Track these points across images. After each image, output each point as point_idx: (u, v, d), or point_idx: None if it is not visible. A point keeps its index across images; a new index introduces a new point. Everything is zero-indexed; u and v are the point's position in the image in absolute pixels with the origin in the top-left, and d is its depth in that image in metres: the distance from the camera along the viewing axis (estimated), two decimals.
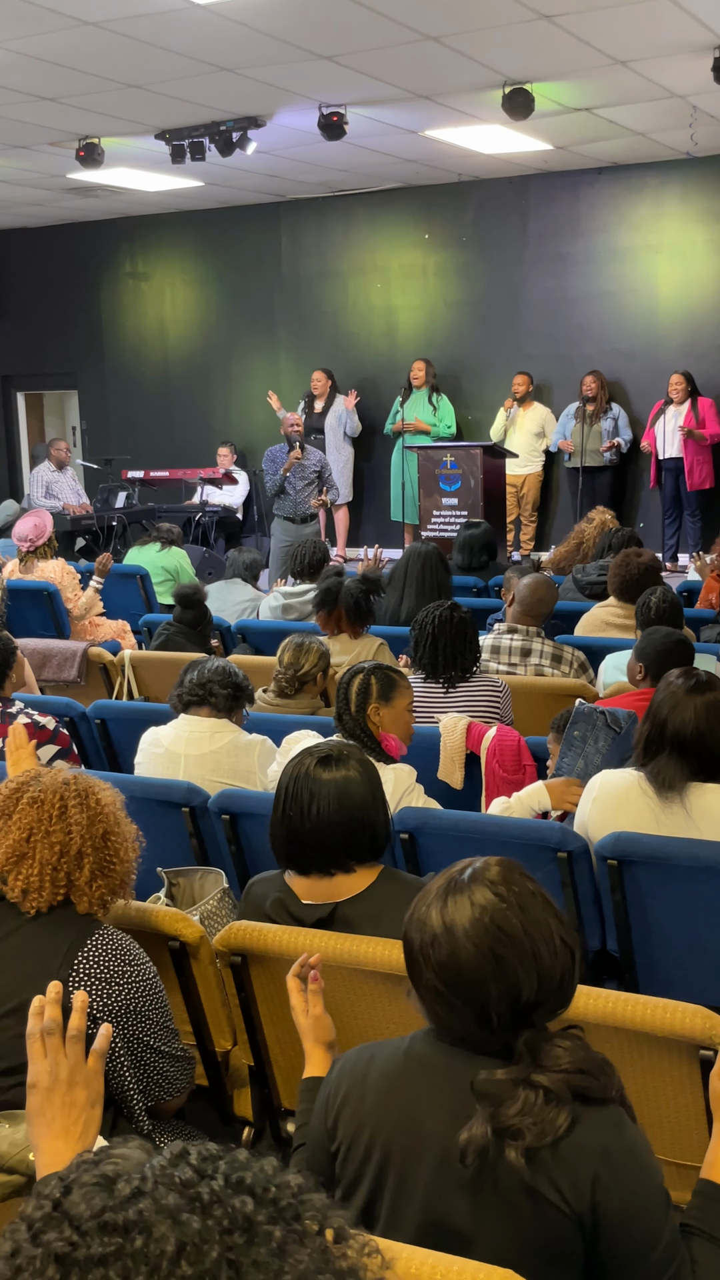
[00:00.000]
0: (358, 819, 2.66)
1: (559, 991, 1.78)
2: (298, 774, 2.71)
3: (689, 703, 3.13)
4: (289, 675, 4.65)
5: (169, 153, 9.85)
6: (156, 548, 8.58)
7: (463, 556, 7.65)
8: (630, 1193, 1.68)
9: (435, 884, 1.85)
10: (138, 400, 14.48)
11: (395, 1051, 1.85)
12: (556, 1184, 1.66)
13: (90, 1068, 1.86)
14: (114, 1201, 0.98)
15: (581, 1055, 1.72)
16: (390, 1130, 1.79)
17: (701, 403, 11.13)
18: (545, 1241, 1.68)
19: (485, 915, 1.76)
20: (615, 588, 5.87)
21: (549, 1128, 1.66)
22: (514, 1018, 1.74)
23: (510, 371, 12.00)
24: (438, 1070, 1.79)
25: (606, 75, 8.45)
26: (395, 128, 9.86)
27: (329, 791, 2.66)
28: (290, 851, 2.70)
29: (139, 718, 4.59)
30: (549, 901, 1.83)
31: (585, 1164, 1.67)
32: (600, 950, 3.36)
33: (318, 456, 10.28)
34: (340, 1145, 1.85)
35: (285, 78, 8.39)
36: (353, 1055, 1.93)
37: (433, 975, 1.77)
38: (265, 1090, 2.78)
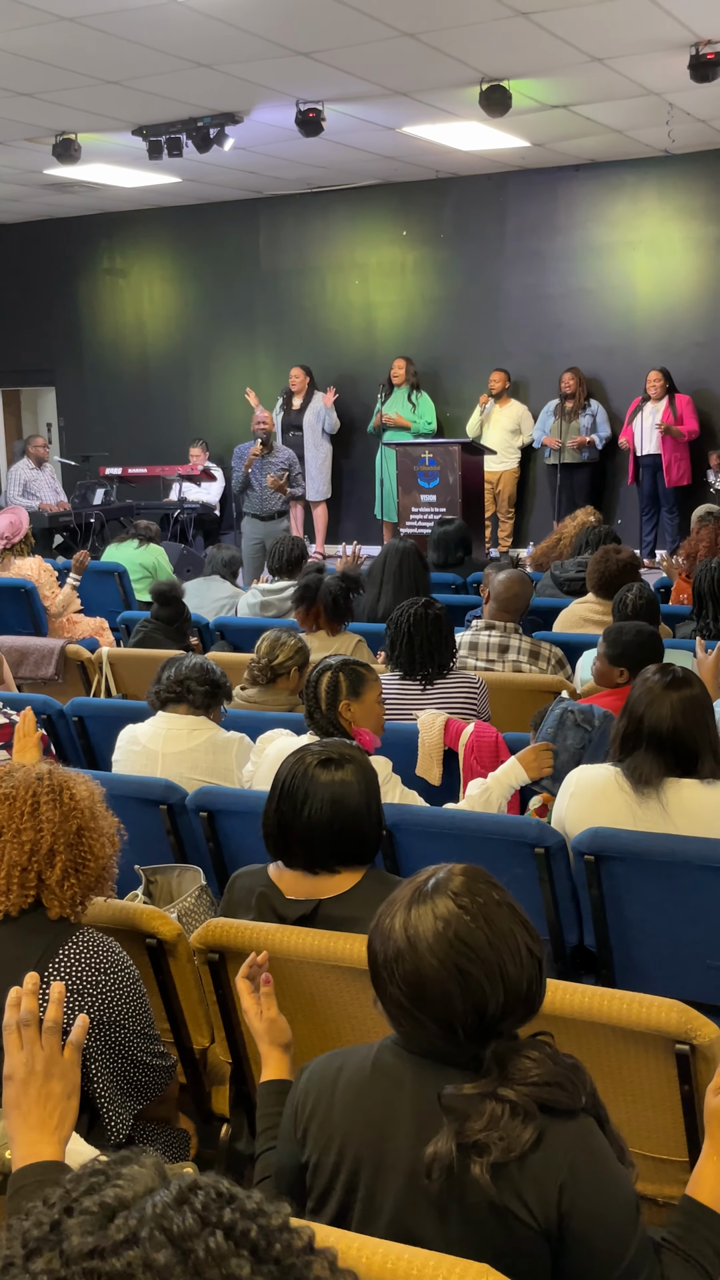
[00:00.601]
0: (349, 825, 2.64)
1: (526, 1002, 1.76)
2: (296, 771, 2.68)
3: (666, 699, 3.14)
4: (262, 665, 4.65)
5: (146, 149, 9.83)
6: (134, 545, 8.56)
7: (438, 554, 7.65)
8: (597, 1206, 1.66)
9: (400, 893, 1.82)
10: (116, 397, 14.44)
11: (363, 1061, 1.83)
12: (523, 1199, 1.65)
13: (66, 1059, 1.86)
14: (107, 1243, 0.96)
15: (550, 1066, 1.70)
16: (359, 1143, 1.78)
17: (679, 399, 11.17)
18: (513, 1256, 1.66)
19: (449, 929, 1.73)
20: (594, 584, 5.89)
21: (515, 1143, 1.64)
22: (480, 1030, 1.72)
23: (489, 368, 12.02)
24: (405, 1083, 1.77)
25: (584, 72, 8.46)
26: (373, 124, 9.86)
27: (324, 794, 2.63)
28: (279, 844, 2.69)
29: (117, 715, 4.58)
30: (515, 910, 1.79)
31: (551, 1178, 1.65)
32: (578, 945, 3.37)
33: (286, 454, 10.30)
34: (310, 1157, 1.84)
35: (262, 74, 8.38)
36: (320, 1064, 1.90)
37: (397, 990, 1.75)
38: (243, 1087, 2.78)
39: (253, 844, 2.90)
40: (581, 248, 11.93)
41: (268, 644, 4.67)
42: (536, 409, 11.97)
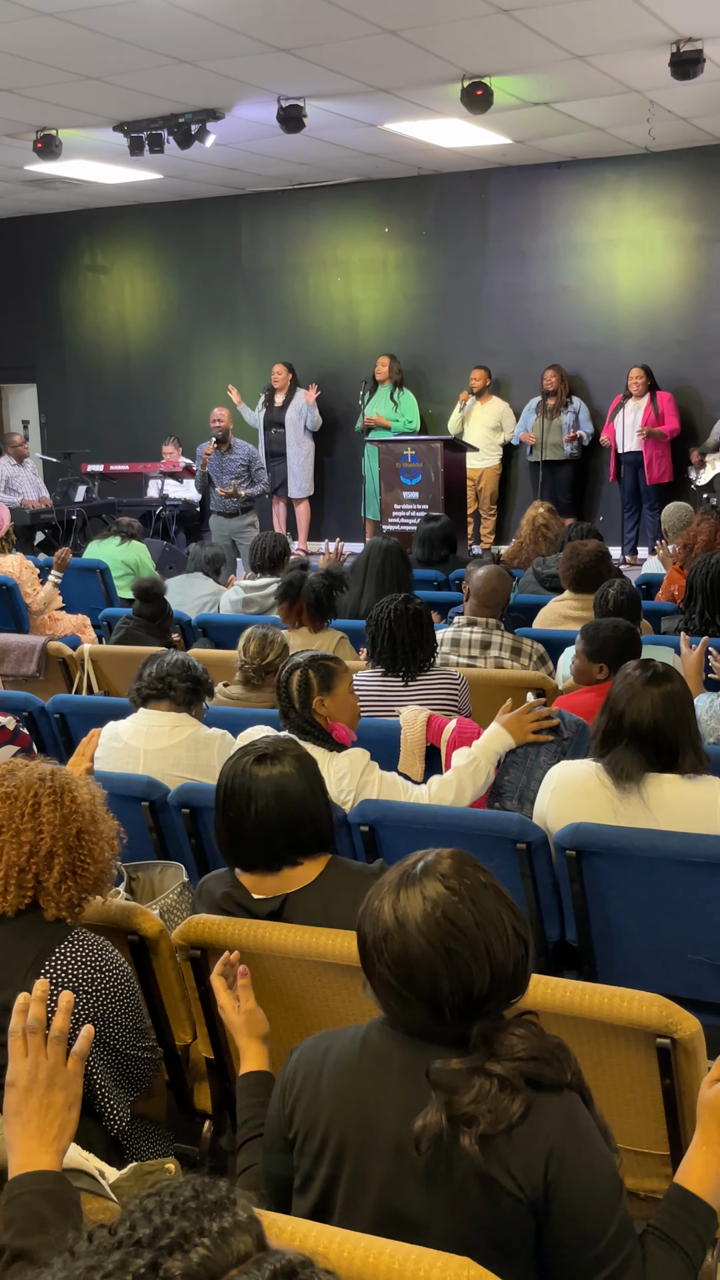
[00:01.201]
0: (298, 815, 2.65)
1: (512, 982, 1.79)
2: (235, 773, 2.70)
3: (646, 694, 3.15)
4: (255, 665, 4.65)
5: (127, 145, 9.81)
6: (116, 541, 8.55)
7: (423, 551, 7.66)
8: (582, 1178, 1.70)
9: (388, 877, 1.85)
10: (97, 394, 14.41)
11: (351, 1041, 1.86)
12: (510, 1170, 1.68)
13: (70, 1070, 1.84)
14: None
15: (536, 1043, 1.74)
16: (345, 1121, 1.80)
17: (660, 397, 11.19)
18: (499, 1229, 1.69)
19: (437, 909, 1.77)
20: (568, 580, 5.91)
21: (503, 1115, 1.67)
22: (467, 1009, 1.75)
23: (471, 366, 12.03)
24: (392, 1061, 1.80)
25: (565, 70, 8.47)
26: (354, 121, 9.85)
27: (267, 790, 2.65)
28: (234, 850, 2.70)
29: (98, 712, 4.57)
30: (501, 893, 1.83)
31: (539, 1150, 1.68)
32: (559, 941, 3.37)
33: (245, 451, 10.33)
34: (297, 1134, 1.86)
35: (244, 70, 8.37)
36: (309, 1044, 1.93)
37: (386, 969, 1.78)
38: (225, 1083, 2.78)
39: None
40: (563, 245, 11.95)
41: (256, 643, 4.66)
42: (518, 406, 11.99)
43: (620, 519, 11.56)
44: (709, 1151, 1.87)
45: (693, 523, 7.03)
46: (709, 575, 5.40)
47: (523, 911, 3.25)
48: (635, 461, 11.29)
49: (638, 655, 4.05)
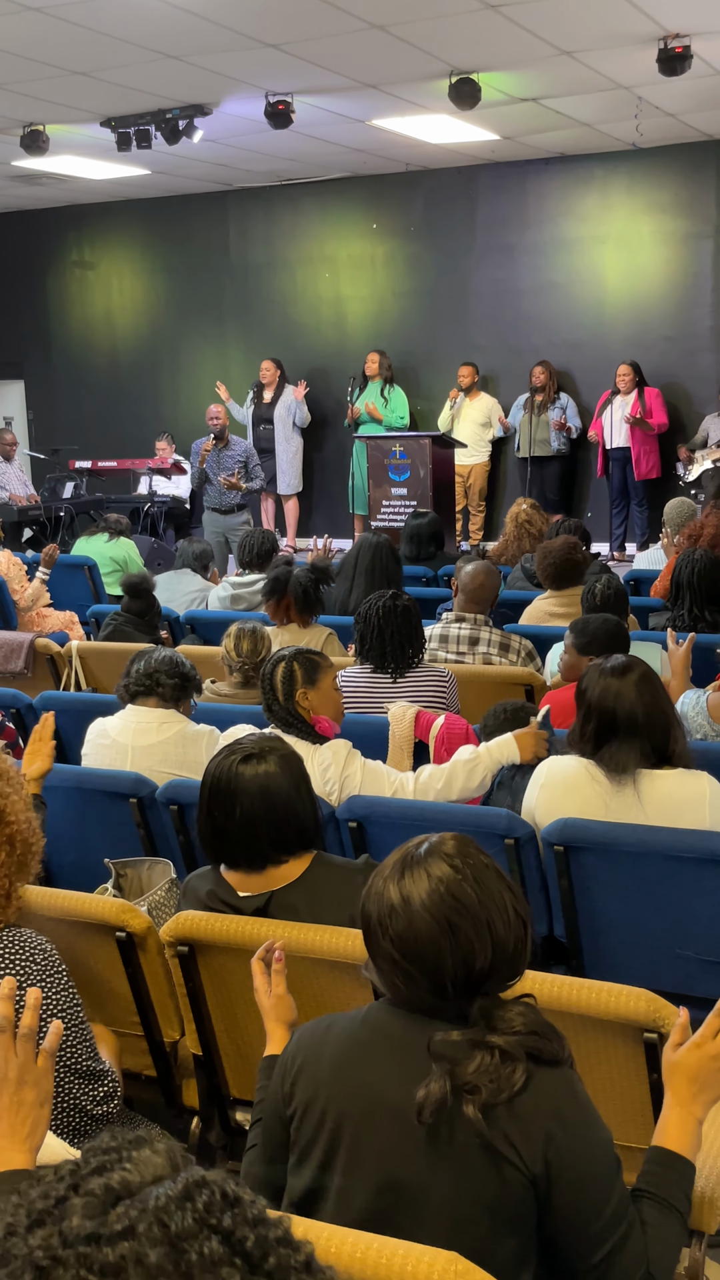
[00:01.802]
0: (282, 815, 2.65)
1: (512, 961, 1.84)
2: (220, 773, 2.69)
3: (626, 686, 3.17)
4: (254, 663, 4.65)
5: (115, 140, 9.78)
6: (105, 538, 8.54)
7: (410, 547, 7.66)
8: (581, 1151, 1.74)
9: (391, 859, 1.89)
10: (85, 390, 14.38)
11: (353, 1020, 1.91)
12: (511, 1140, 1.71)
13: (40, 1067, 1.84)
14: (104, 1231, 0.96)
15: (534, 1018, 1.79)
16: (346, 1095, 1.83)
17: (648, 393, 11.21)
18: (499, 1200, 1.72)
19: (441, 886, 1.81)
20: (545, 579, 5.93)
21: (505, 1084, 1.71)
22: (469, 985, 1.79)
23: (458, 362, 12.03)
24: (394, 1036, 1.83)
25: (552, 66, 8.47)
26: (342, 117, 9.84)
27: (252, 789, 2.64)
28: (218, 849, 2.70)
29: (86, 709, 4.56)
30: (502, 874, 1.88)
31: (539, 1121, 1.72)
32: (547, 936, 3.38)
33: (243, 447, 10.34)
34: (295, 1110, 1.89)
35: (231, 66, 8.35)
36: (310, 1025, 1.97)
37: (390, 945, 1.82)
38: (213, 1079, 2.78)
39: None
40: (551, 241, 11.95)
41: (249, 641, 4.66)
42: (506, 402, 11.99)
43: (608, 515, 11.57)
44: (681, 1111, 1.95)
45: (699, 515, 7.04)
46: (695, 571, 5.42)
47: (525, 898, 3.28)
48: (623, 457, 11.31)
49: (626, 650, 4.06)
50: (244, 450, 10.32)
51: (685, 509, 8.00)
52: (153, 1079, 2.92)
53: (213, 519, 10.22)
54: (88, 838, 3.86)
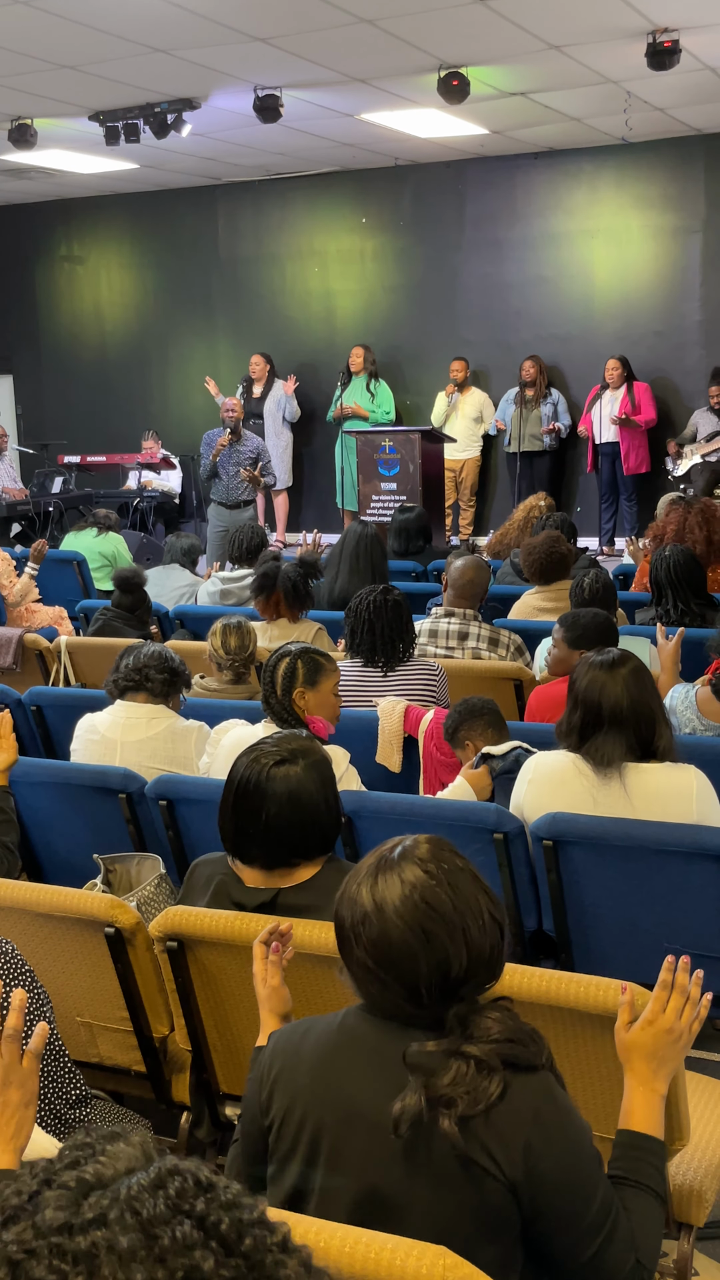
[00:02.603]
0: (308, 822, 2.61)
1: (488, 966, 1.81)
2: (251, 774, 2.64)
3: (615, 678, 3.18)
4: (243, 659, 4.65)
5: (103, 134, 9.75)
6: (94, 533, 8.53)
7: (398, 542, 7.66)
8: (562, 1156, 1.72)
9: (366, 862, 1.87)
10: (74, 385, 14.35)
11: (328, 1027, 1.88)
12: (490, 1151, 1.69)
13: (25, 1068, 1.83)
14: (76, 1220, 0.96)
15: (511, 1025, 1.76)
16: (323, 1105, 1.81)
17: (637, 387, 11.22)
18: (480, 1210, 1.70)
19: (415, 892, 1.78)
20: (532, 576, 5.94)
21: (481, 1096, 1.69)
22: (444, 992, 1.77)
23: (448, 356, 12.02)
24: (369, 1044, 1.81)
25: (541, 60, 8.47)
26: (331, 111, 9.83)
27: (281, 794, 2.60)
28: (237, 845, 2.66)
29: (75, 704, 4.56)
30: (478, 878, 1.85)
31: (517, 1130, 1.70)
32: (536, 930, 3.38)
33: (255, 443, 10.25)
34: (273, 1120, 1.87)
35: (220, 59, 8.34)
36: (287, 1031, 1.95)
37: (363, 952, 1.79)
38: (203, 1074, 2.78)
39: (212, 832, 2.89)
40: (540, 236, 11.95)
41: (235, 637, 4.65)
42: (497, 397, 12.00)
43: (598, 510, 11.58)
44: (644, 1089, 1.97)
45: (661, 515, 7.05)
46: (669, 567, 5.42)
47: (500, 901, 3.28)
48: (612, 452, 11.32)
49: (615, 644, 4.07)
50: (256, 447, 10.15)
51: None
52: (142, 1074, 2.92)
53: (219, 513, 10.06)
54: (76, 833, 3.86)
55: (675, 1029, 1.97)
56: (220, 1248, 0.97)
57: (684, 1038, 1.99)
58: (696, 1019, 2.00)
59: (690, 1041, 2.00)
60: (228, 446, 9.97)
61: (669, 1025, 1.97)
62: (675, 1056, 1.98)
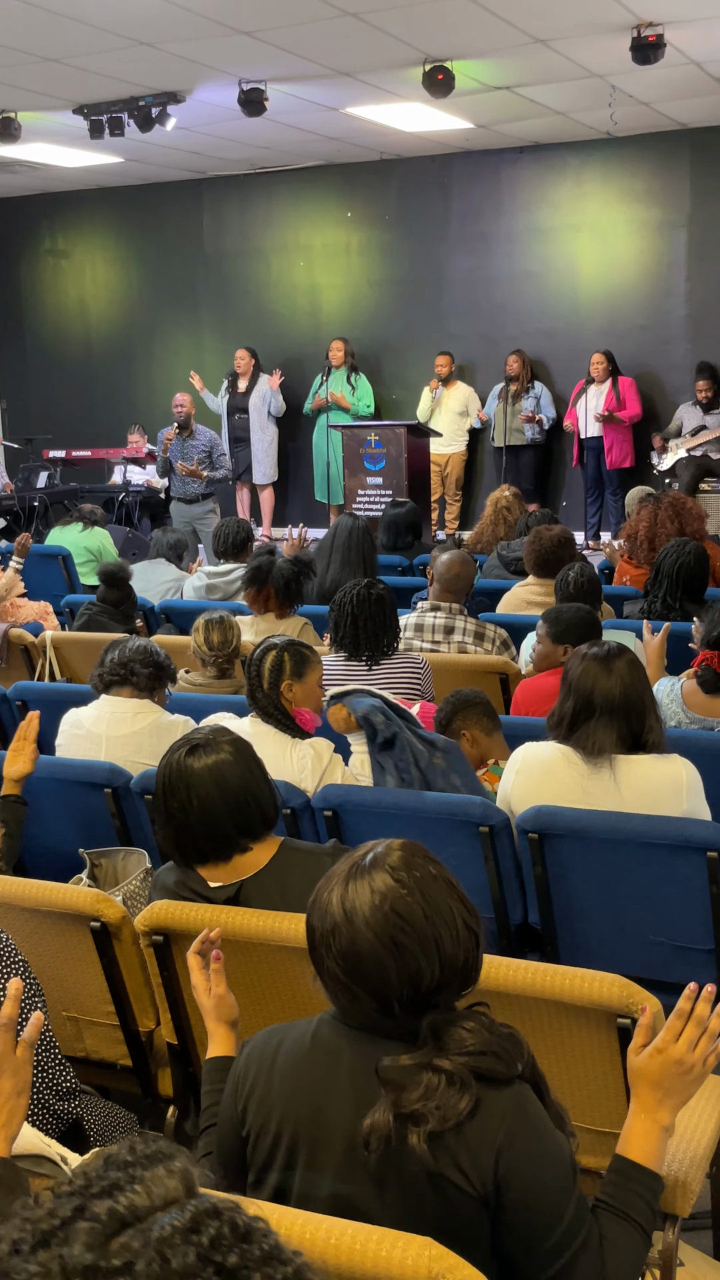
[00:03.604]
0: (240, 798, 2.64)
1: (462, 975, 1.78)
2: (169, 769, 2.67)
3: (609, 668, 3.19)
4: (227, 654, 4.64)
5: (87, 128, 9.73)
6: (79, 528, 8.50)
7: (388, 536, 7.66)
8: (533, 1171, 1.69)
9: (338, 868, 1.83)
10: (59, 379, 14.31)
11: (302, 1036, 1.85)
12: (460, 1167, 1.67)
13: (19, 1057, 1.82)
14: (104, 1263, 0.94)
15: (485, 1036, 1.72)
16: (297, 1117, 1.79)
17: (622, 382, 11.23)
18: (451, 1224, 1.68)
19: (385, 903, 1.74)
20: (531, 564, 5.92)
21: (451, 1112, 1.66)
22: (415, 1003, 1.74)
23: (433, 351, 12.02)
24: (342, 1056, 1.79)
25: (526, 54, 8.46)
26: (316, 104, 9.81)
27: (205, 779, 2.62)
28: (182, 847, 2.67)
29: (60, 699, 4.55)
30: (452, 885, 1.81)
31: (488, 1146, 1.68)
32: (522, 923, 3.39)
33: (208, 437, 10.33)
34: (250, 1131, 1.85)
35: (204, 53, 8.32)
36: (260, 1040, 1.92)
37: (334, 963, 1.76)
38: (189, 1068, 2.78)
39: None
40: (525, 230, 11.95)
41: (219, 633, 4.65)
42: (482, 391, 12.00)
43: (583, 504, 11.59)
44: (646, 1119, 1.89)
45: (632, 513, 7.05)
46: (678, 563, 5.40)
47: (485, 894, 3.29)
48: (597, 447, 11.33)
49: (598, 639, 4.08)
50: (208, 440, 10.29)
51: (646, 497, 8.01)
52: (129, 1069, 2.92)
53: (179, 509, 10.23)
54: (62, 828, 3.85)
55: (686, 1061, 1.87)
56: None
57: (696, 1070, 1.88)
58: (714, 1053, 1.89)
59: (704, 1075, 1.90)
60: (177, 440, 10.02)
61: (679, 1057, 1.87)
62: (684, 1090, 1.89)
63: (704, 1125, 2.55)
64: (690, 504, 6.32)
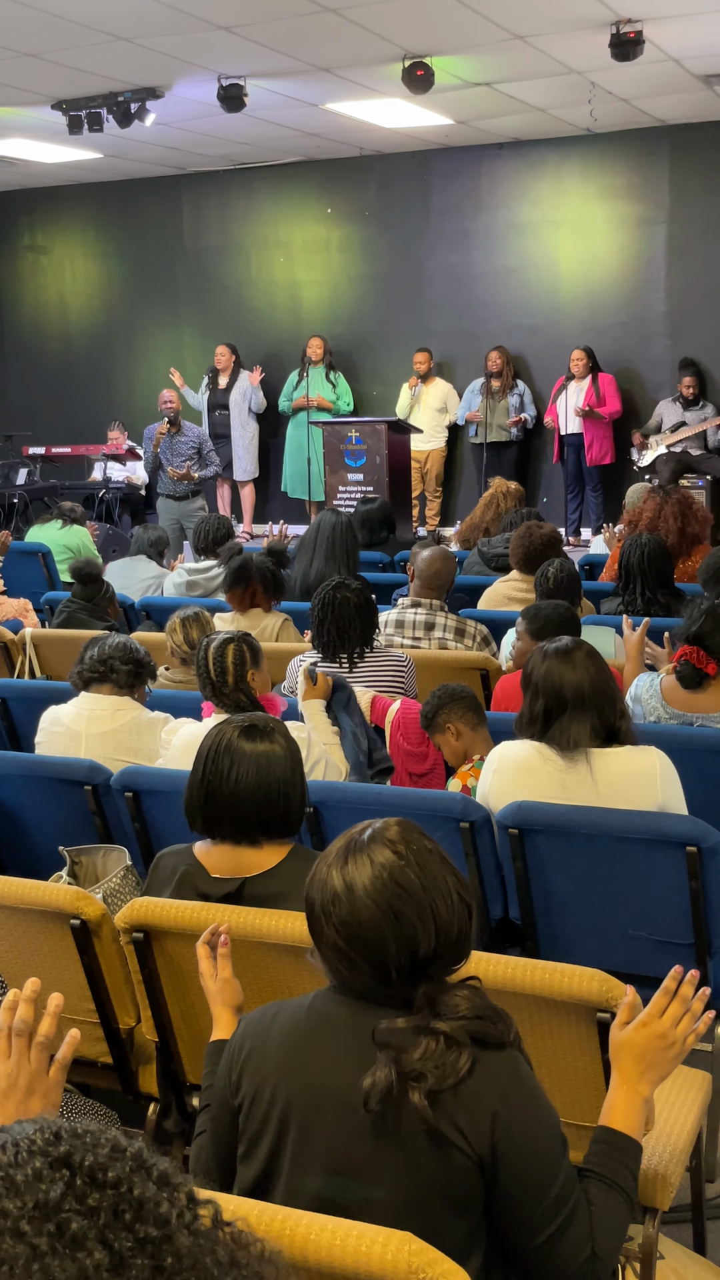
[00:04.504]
0: (276, 791, 2.65)
1: (456, 945, 1.84)
2: (219, 741, 2.68)
3: (572, 662, 3.20)
4: None
5: (66, 123, 9.69)
6: (59, 525, 8.48)
7: (362, 533, 7.65)
8: (527, 1132, 1.75)
9: (336, 845, 1.89)
10: (38, 376, 14.26)
11: (298, 1008, 1.90)
12: (458, 1125, 1.72)
13: (51, 1079, 1.74)
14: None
15: (479, 1002, 1.79)
16: (292, 1084, 1.83)
17: (602, 378, 11.25)
18: (447, 1184, 1.73)
19: (384, 873, 1.81)
20: (517, 560, 5.92)
21: (450, 1071, 1.71)
22: (412, 971, 1.79)
23: (414, 347, 12.02)
24: (339, 1023, 1.84)
25: (506, 50, 8.47)
26: (295, 100, 9.80)
27: (250, 761, 2.64)
28: (206, 815, 2.68)
29: (40, 696, 4.54)
30: (446, 859, 1.88)
31: (485, 1105, 1.73)
32: (502, 918, 3.40)
33: (196, 433, 10.30)
34: (243, 1100, 1.88)
35: (183, 48, 8.29)
36: (257, 1013, 1.96)
37: (334, 933, 1.82)
38: (170, 1065, 2.78)
39: (178, 824, 2.89)
40: (505, 226, 11.96)
41: (196, 629, 4.64)
42: (462, 387, 12.01)
43: (563, 500, 11.61)
44: (629, 1090, 1.97)
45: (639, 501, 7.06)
46: (643, 555, 5.44)
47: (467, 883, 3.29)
48: (578, 443, 11.35)
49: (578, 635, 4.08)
50: (197, 436, 10.28)
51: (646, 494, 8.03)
52: (109, 1066, 2.91)
53: (167, 505, 10.19)
54: (42, 826, 3.84)
55: (669, 1035, 1.97)
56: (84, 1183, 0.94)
57: (676, 1047, 1.98)
58: (693, 1032, 1.99)
59: (683, 1053, 2.00)
60: (167, 437, 10.00)
61: (663, 1031, 1.97)
62: (664, 1063, 1.98)
63: (683, 1120, 2.56)
64: (698, 506, 6.32)
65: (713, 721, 3.88)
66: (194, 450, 10.13)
